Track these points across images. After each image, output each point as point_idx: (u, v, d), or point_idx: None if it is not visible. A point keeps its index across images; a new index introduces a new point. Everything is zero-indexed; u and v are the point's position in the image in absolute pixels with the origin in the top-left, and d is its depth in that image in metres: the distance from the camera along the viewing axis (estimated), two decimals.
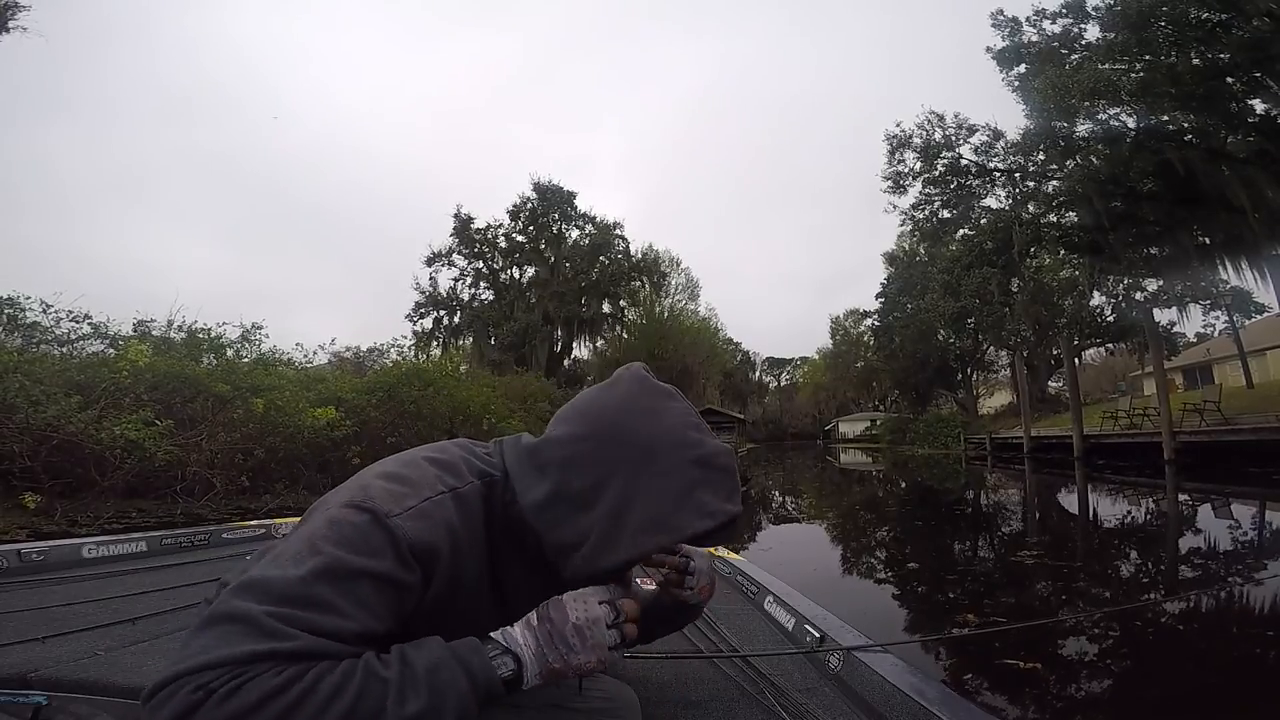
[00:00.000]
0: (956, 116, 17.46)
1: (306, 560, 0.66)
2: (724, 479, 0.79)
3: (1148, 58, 12.97)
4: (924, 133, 17.69)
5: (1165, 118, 13.71)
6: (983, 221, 19.54)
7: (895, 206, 19.55)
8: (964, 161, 17.74)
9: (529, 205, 32.81)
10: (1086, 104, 13.73)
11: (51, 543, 2.60)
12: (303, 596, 0.63)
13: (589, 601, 0.74)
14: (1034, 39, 15.41)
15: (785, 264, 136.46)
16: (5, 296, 8.53)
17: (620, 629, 0.75)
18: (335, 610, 0.64)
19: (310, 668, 0.61)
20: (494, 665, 0.69)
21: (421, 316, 31.52)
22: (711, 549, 2.75)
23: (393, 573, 0.68)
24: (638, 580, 0.87)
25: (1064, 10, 14.71)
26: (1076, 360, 27.80)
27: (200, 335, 10.23)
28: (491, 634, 0.73)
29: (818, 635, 1.58)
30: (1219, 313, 27.47)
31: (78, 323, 9.08)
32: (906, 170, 18.33)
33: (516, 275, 32.82)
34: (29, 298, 8.71)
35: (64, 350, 9.02)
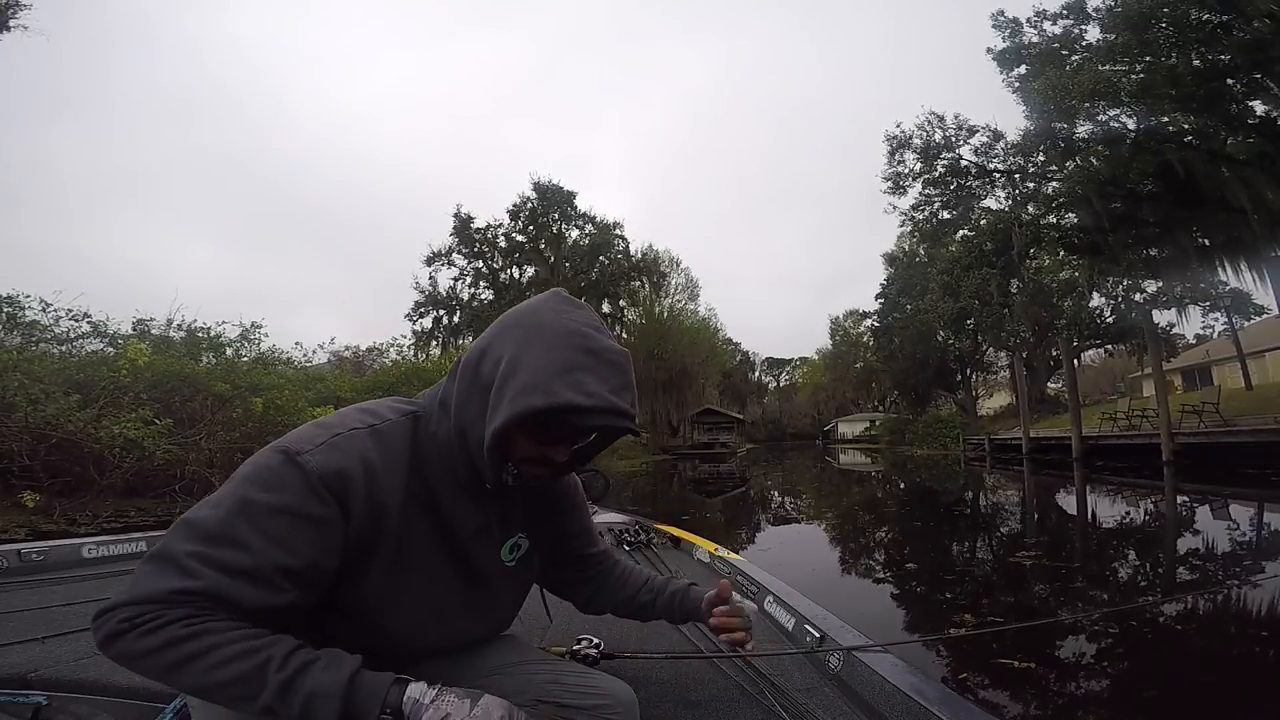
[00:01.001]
0: (956, 117, 17.48)
1: (226, 501, 0.72)
2: (611, 372, 0.80)
3: (1148, 59, 12.97)
4: (924, 133, 17.70)
5: (1165, 119, 13.72)
6: (982, 222, 19.53)
7: (895, 207, 19.57)
8: (964, 162, 17.74)
9: (529, 205, 32.83)
10: (1086, 105, 13.73)
11: (51, 543, 2.60)
12: (220, 535, 0.70)
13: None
14: (1034, 40, 15.41)
15: (785, 265, 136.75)
16: (5, 295, 8.52)
17: None
18: (247, 547, 0.70)
19: (222, 624, 0.68)
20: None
21: (421, 316, 31.54)
22: (712, 548, 2.75)
23: (304, 506, 0.73)
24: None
25: (1065, 11, 14.71)
26: (1075, 361, 27.83)
27: (199, 334, 10.23)
28: (412, 688, 0.71)
29: (818, 635, 1.58)
30: (1218, 314, 27.51)
31: (77, 321, 9.09)
32: (906, 171, 18.34)
33: (516, 275, 32.81)
34: (28, 296, 8.72)
35: (63, 349, 9.02)
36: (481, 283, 32.75)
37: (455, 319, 31.70)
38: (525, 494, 0.99)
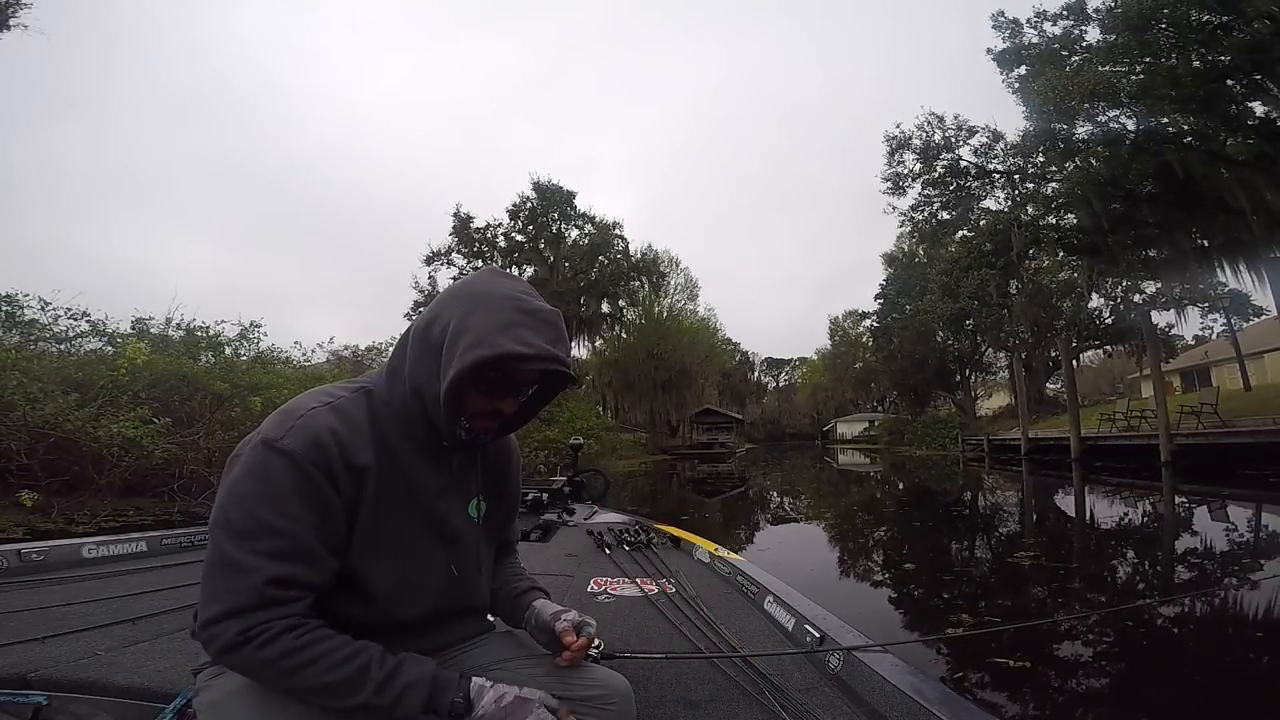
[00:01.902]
0: (956, 118, 17.44)
1: (239, 500, 0.82)
2: (546, 328, 0.92)
3: (1148, 60, 12.97)
4: (923, 134, 17.66)
5: (1165, 120, 13.70)
6: (982, 223, 19.54)
7: (894, 208, 19.50)
8: (963, 163, 17.71)
9: (528, 205, 32.76)
10: (1086, 106, 13.72)
11: (51, 543, 2.59)
12: (254, 529, 0.80)
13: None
14: (1034, 41, 15.39)
15: (784, 265, 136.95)
16: (4, 294, 8.50)
17: None
18: (282, 532, 0.80)
19: (321, 632, 0.81)
20: (450, 704, 0.85)
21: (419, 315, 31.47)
22: (712, 549, 2.75)
23: (302, 483, 0.82)
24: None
25: (1065, 12, 14.70)
26: (1074, 362, 27.87)
27: (198, 333, 10.21)
28: (475, 681, 0.87)
29: (818, 635, 1.58)
30: (1217, 315, 27.58)
31: (76, 320, 9.06)
32: (906, 171, 18.30)
33: (515, 275, 32.79)
34: (27, 295, 8.69)
35: (62, 348, 8.99)
36: None
37: None
38: (483, 459, 1.08)
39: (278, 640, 0.78)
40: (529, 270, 33.01)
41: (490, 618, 1.16)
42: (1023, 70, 15.55)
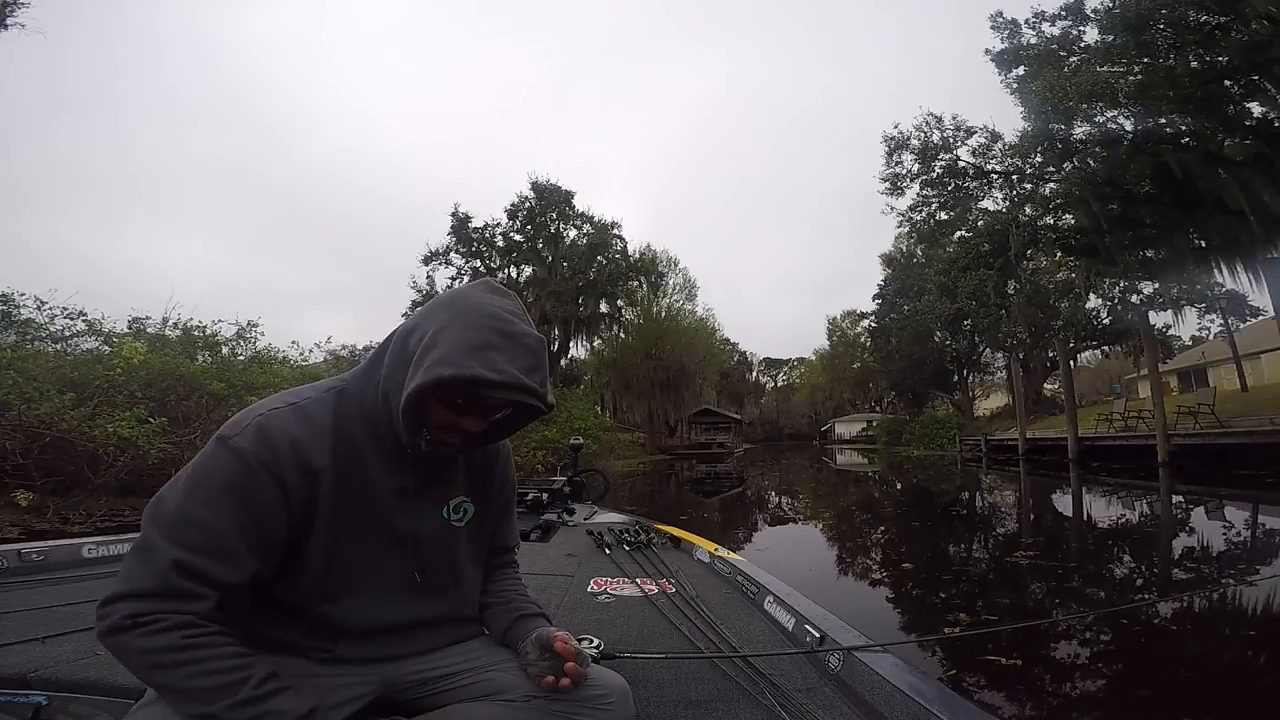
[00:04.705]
0: (954, 118, 17.45)
1: (180, 491, 0.83)
2: (522, 353, 0.89)
3: (1146, 60, 12.99)
4: (922, 134, 17.67)
5: (1163, 120, 13.74)
6: (980, 223, 19.57)
7: (893, 208, 19.52)
8: (961, 163, 17.72)
9: (527, 204, 32.71)
10: (1084, 106, 13.74)
11: (51, 543, 2.58)
12: (181, 520, 0.80)
13: None
14: (1033, 41, 15.42)
15: (784, 266, 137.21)
16: (0, 293, 8.47)
17: None
18: (204, 526, 0.80)
19: (217, 638, 0.78)
20: None
21: None
22: (712, 548, 2.75)
23: (244, 484, 0.83)
24: None
25: (1063, 13, 14.72)
26: (1072, 362, 27.93)
27: (195, 333, 10.19)
28: None
29: (818, 635, 1.58)
30: (1214, 316, 27.65)
31: (72, 320, 9.03)
32: (904, 172, 18.30)
33: (514, 275, 32.69)
34: (23, 294, 8.66)
35: (58, 347, 8.96)
36: None
37: None
38: (467, 464, 1.06)
39: (165, 634, 0.76)
40: (527, 270, 32.97)
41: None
42: (1021, 71, 15.58)
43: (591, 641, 1.43)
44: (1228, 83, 12.67)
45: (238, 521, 0.82)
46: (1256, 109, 13.08)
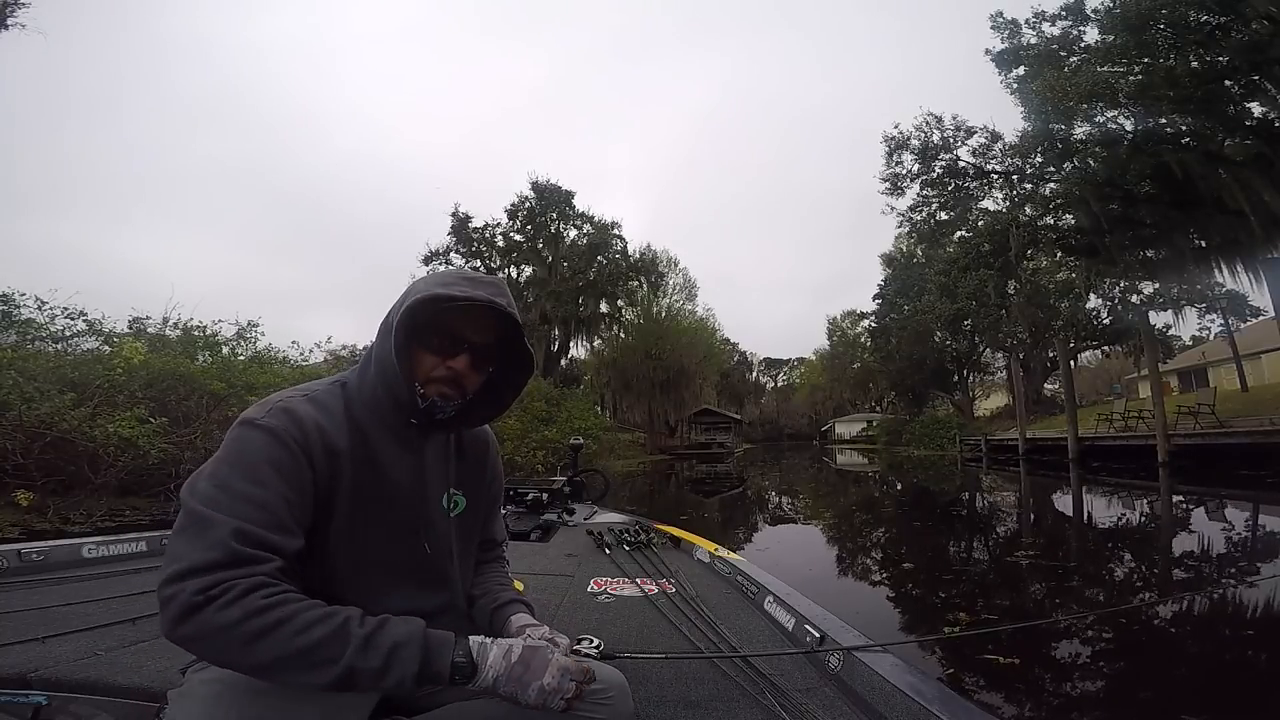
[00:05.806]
0: (955, 118, 17.45)
1: (214, 470, 0.82)
2: (485, 285, 0.96)
3: (1146, 60, 12.98)
4: (922, 135, 17.66)
5: (1163, 120, 13.73)
6: (980, 223, 19.55)
7: (893, 208, 19.51)
8: (962, 163, 17.72)
9: (527, 204, 32.73)
10: (1084, 106, 13.74)
11: (51, 543, 2.58)
12: (225, 493, 0.78)
13: (565, 674, 0.82)
14: (1033, 41, 15.42)
15: (784, 266, 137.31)
16: (1, 293, 8.47)
17: (569, 703, 0.83)
18: (250, 498, 0.78)
19: (294, 593, 0.74)
20: (451, 665, 0.78)
21: None
22: (712, 548, 2.75)
23: (278, 456, 0.83)
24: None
25: (1063, 13, 14.72)
26: (1072, 362, 27.93)
27: (195, 333, 10.19)
28: (473, 639, 0.82)
29: (818, 635, 1.58)
30: (1214, 316, 27.65)
31: (72, 320, 9.02)
32: (904, 172, 18.30)
33: (514, 275, 32.70)
34: (23, 294, 8.65)
35: (58, 347, 8.96)
36: None
37: None
38: (457, 451, 1.09)
39: (243, 599, 0.70)
40: (527, 270, 33.00)
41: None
42: (1021, 71, 15.58)
43: (591, 641, 1.43)
44: (1228, 83, 12.66)
45: (282, 494, 0.81)
46: (1257, 109, 13.08)
